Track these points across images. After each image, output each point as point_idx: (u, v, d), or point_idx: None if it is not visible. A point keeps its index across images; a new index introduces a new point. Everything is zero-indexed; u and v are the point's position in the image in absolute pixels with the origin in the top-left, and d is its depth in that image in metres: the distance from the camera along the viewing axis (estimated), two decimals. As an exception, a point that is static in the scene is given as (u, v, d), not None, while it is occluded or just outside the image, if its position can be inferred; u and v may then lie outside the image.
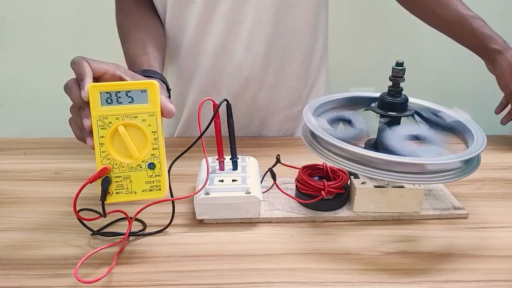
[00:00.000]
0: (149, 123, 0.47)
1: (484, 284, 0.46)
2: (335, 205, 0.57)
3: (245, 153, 0.64)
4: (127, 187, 0.48)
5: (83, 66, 0.48)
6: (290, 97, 0.85)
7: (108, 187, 0.48)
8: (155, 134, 0.48)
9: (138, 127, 0.47)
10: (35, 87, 1.50)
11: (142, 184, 0.48)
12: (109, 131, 0.47)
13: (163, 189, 0.49)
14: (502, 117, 0.83)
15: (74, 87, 0.48)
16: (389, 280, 0.46)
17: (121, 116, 0.47)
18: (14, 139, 0.80)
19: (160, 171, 0.48)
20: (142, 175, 0.48)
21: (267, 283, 0.46)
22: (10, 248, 0.51)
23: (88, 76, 0.47)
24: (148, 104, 0.47)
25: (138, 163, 0.48)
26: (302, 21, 0.78)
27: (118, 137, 0.47)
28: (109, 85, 0.47)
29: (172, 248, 0.51)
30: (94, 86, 0.47)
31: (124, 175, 0.48)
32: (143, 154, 0.48)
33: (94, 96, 0.46)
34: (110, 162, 0.47)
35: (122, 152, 0.48)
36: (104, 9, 0.89)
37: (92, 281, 0.44)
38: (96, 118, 0.47)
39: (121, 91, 0.47)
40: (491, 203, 0.61)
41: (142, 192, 0.48)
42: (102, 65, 0.50)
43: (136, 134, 0.48)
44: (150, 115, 0.47)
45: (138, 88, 0.47)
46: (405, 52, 1.44)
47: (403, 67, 0.56)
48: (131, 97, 0.47)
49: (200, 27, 0.75)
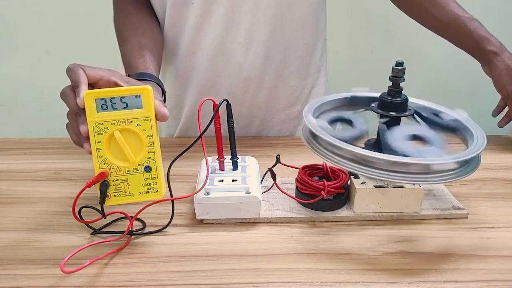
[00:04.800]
0: (144, 127, 0.49)
1: (484, 284, 0.46)
2: (335, 205, 0.57)
3: (245, 153, 0.64)
4: (124, 190, 0.50)
5: (78, 74, 0.48)
6: (290, 97, 0.85)
7: (106, 191, 0.49)
8: (150, 138, 0.49)
9: (133, 131, 0.49)
10: (35, 87, 1.50)
11: (139, 186, 0.50)
12: (105, 137, 0.48)
13: (159, 190, 0.50)
14: (500, 120, 0.83)
15: (70, 94, 0.49)
16: (389, 280, 0.46)
17: (116, 122, 0.48)
18: (14, 139, 0.81)
19: (156, 174, 0.50)
20: (139, 178, 0.50)
21: (267, 283, 0.46)
22: (10, 248, 0.51)
23: (83, 83, 0.48)
24: (143, 109, 0.49)
25: (134, 167, 0.49)
26: (301, 21, 0.78)
27: (114, 142, 0.48)
28: (104, 92, 0.48)
29: (172, 248, 0.51)
30: (89, 93, 0.48)
31: (122, 178, 0.49)
32: (139, 158, 0.49)
33: (89, 102, 0.48)
34: (107, 166, 0.49)
35: (118, 156, 0.49)
36: (104, 10, 0.89)
37: (73, 270, 0.46)
38: (92, 124, 0.48)
39: (115, 97, 0.48)
40: (491, 203, 0.61)
41: (139, 195, 0.50)
42: (97, 71, 0.50)
43: (132, 139, 0.49)
44: (145, 120, 0.49)
45: (132, 94, 0.48)
46: (405, 52, 1.44)
47: (403, 67, 0.56)
48: (125, 103, 0.48)
49: (198, 27, 0.75)
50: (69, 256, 0.47)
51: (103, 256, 0.49)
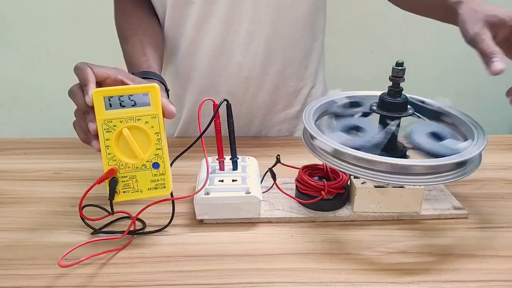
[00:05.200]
0: (152, 124, 0.49)
1: (484, 284, 0.46)
2: (335, 205, 0.57)
3: (245, 153, 0.64)
4: (133, 186, 0.50)
5: (86, 72, 0.49)
6: (290, 97, 0.85)
7: (116, 187, 0.49)
8: (158, 135, 0.49)
9: (141, 129, 0.49)
10: (35, 87, 1.50)
11: (147, 182, 0.50)
12: (114, 134, 0.49)
13: (167, 186, 0.51)
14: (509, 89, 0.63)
15: (78, 92, 0.49)
16: (389, 280, 0.46)
17: (125, 119, 0.49)
18: (14, 139, 0.80)
19: (164, 170, 0.50)
20: (147, 174, 0.50)
21: (267, 283, 0.46)
22: (10, 248, 0.51)
23: (92, 82, 0.48)
24: (150, 107, 0.49)
25: (143, 163, 0.50)
26: (301, 21, 0.78)
27: (123, 139, 0.49)
28: (112, 90, 0.48)
29: (172, 248, 0.51)
30: (98, 91, 0.48)
31: (130, 175, 0.50)
32: (147, 155, 0.50)
33: (98, 100, 0.48)
34: (116, 163, 0.49)
35: (127, 153, 0.49)
36: (104, 10, 0.89)
37: (69, 264, 0.46)
38: (101, 122, 0.48)
39: (124, 95, 0.48)
40: (491, 203, 0.61)
41: (148, 191, 0.50)
42: (104, 70, 0.51)
43: (140, 136, 0.50)
44: (153, 117, 0.49)
45: (140, 92, 0.49)
46: (405, 52, 1.44)
47: (403, 67, 0.56)
48: (133, 101, 0.49)
49: (198, 27, 0.75)
50: (67, 251, 0.47)
51: (102, 253, 0.49)
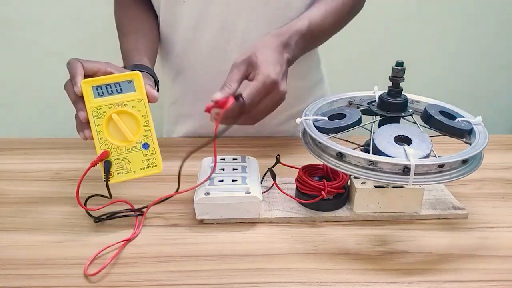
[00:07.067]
0: (139, 108, 0.53)
1: (484, 284, 0.46)
2: (335, 205, 0.57)
3: (245, 153, 0.64)
4: (126, 167, 0.53)
5: (75, 67, 0.53)
6: (290, 98, 0.84)
7: (110, 169, 0.53)
8: (145, 118, 0.53)
9: (129, 113, 0.53)
10: (34, 87, 1.50)
11: (139, 163, 0.54)
12: (104, 120, 0.52)
13: (158, 165, 0.54)
14: None
15: (69, 84, 0.53)
16: (389, 280, 0.46)
17: (113, 105, 0.52)
18: (14, 139, 0.80)
19: (154, 149, 0.54)
20: (139, 155, 0.53)
21: (267, 283, 0.46)
22: (10, 248, 0.51)
23: (79, 74, 0.52)
24: (136, 92, 0.53)
25: (133, 145, 0.53)
26: None
27: (113, 124, 0.53)
28: (99, 79, 0.52)
29: (172, 248, 0.51)
30: (86, 81, 0.52)
31: (122, 157, 0.53)
32: (137, 136, 0.53)
33: (87, 90, 0.52)
34: (108, 147, 0.53)
35: (118, 137, 0.53)
36: (104, 10, 0.89)
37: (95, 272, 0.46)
38: (91, 110, 0.52)
39: (110, 84, 0.53)
40: (491, 203, 0.61)
41: (140, 170, 0.54)
42: (94, 64, 0.55)
43: (129, 119, 0.53)
44: (139, 101, 0.53)
45: (125, 79, 0.53)
46: (405, 52, 1.44)
47: (403, 67, 0.56)
48: (120, 88, 0.53)
49: (192, 27, 0.75)
50: (94, 255, 0.48)
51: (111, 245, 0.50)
